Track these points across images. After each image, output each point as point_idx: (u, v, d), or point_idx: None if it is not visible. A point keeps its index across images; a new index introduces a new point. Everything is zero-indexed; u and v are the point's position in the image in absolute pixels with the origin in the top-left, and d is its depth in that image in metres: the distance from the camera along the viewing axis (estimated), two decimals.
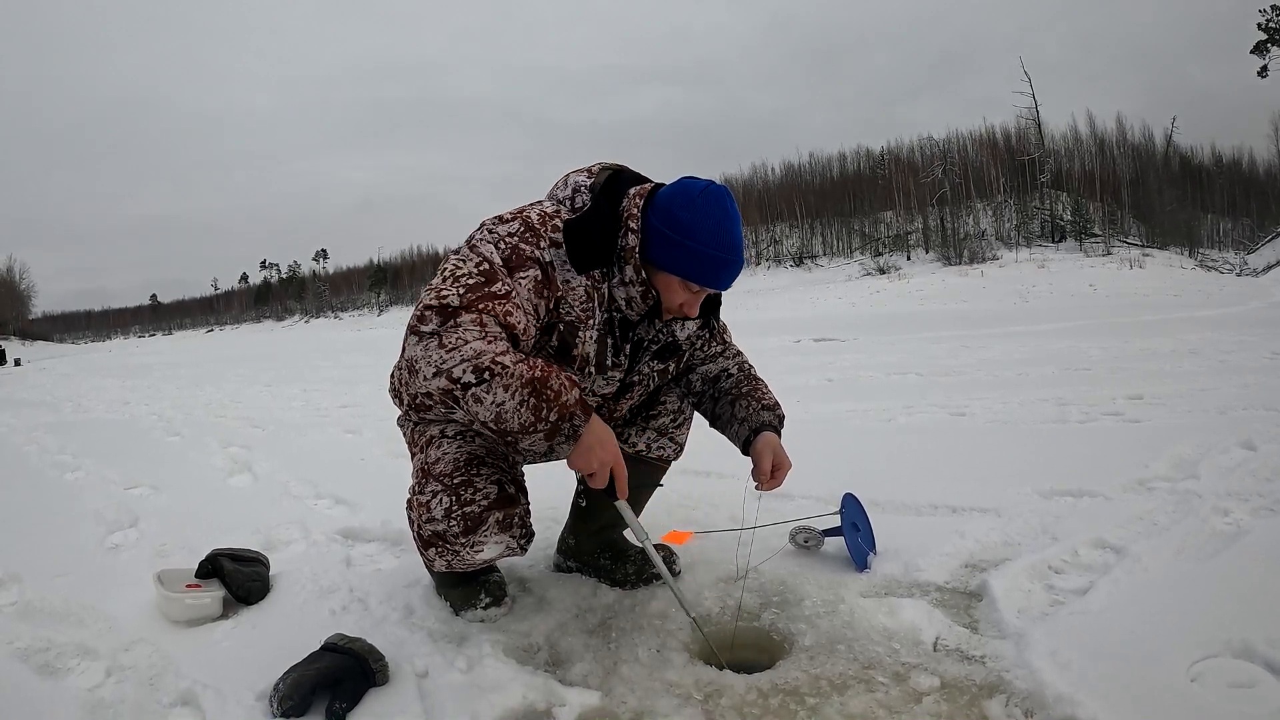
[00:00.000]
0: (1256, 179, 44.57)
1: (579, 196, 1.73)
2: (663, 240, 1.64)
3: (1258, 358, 5.89)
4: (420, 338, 1.49)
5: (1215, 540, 2.07)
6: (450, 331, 1.47)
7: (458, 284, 1.53)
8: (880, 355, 7.93)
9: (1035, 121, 41.32)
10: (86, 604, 2.07)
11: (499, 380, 1.45)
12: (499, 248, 1.60)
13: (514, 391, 1.45)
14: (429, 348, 1.47)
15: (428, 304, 1.51)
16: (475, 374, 1.44)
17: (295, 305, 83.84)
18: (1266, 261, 30.53)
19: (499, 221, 1.66)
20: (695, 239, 1.62)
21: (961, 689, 1.50)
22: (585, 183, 1.74)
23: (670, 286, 1.68)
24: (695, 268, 1.64)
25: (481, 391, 1.45)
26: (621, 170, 1.80)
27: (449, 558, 1.75)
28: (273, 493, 3.36)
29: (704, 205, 1.63)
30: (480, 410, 1.47)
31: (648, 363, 1.87)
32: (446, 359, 1.45)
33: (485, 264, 1.57)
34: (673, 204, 1.65)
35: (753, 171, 55.18)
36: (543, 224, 1.65)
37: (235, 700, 1.56)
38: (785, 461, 1.91)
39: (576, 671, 1.67)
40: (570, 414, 1.50)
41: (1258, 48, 36.69)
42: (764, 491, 1.91)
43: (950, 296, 23.71)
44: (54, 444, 5.20)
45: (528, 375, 1.47)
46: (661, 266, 1.66)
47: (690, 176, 1.71)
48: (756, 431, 1.93)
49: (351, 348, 18.44)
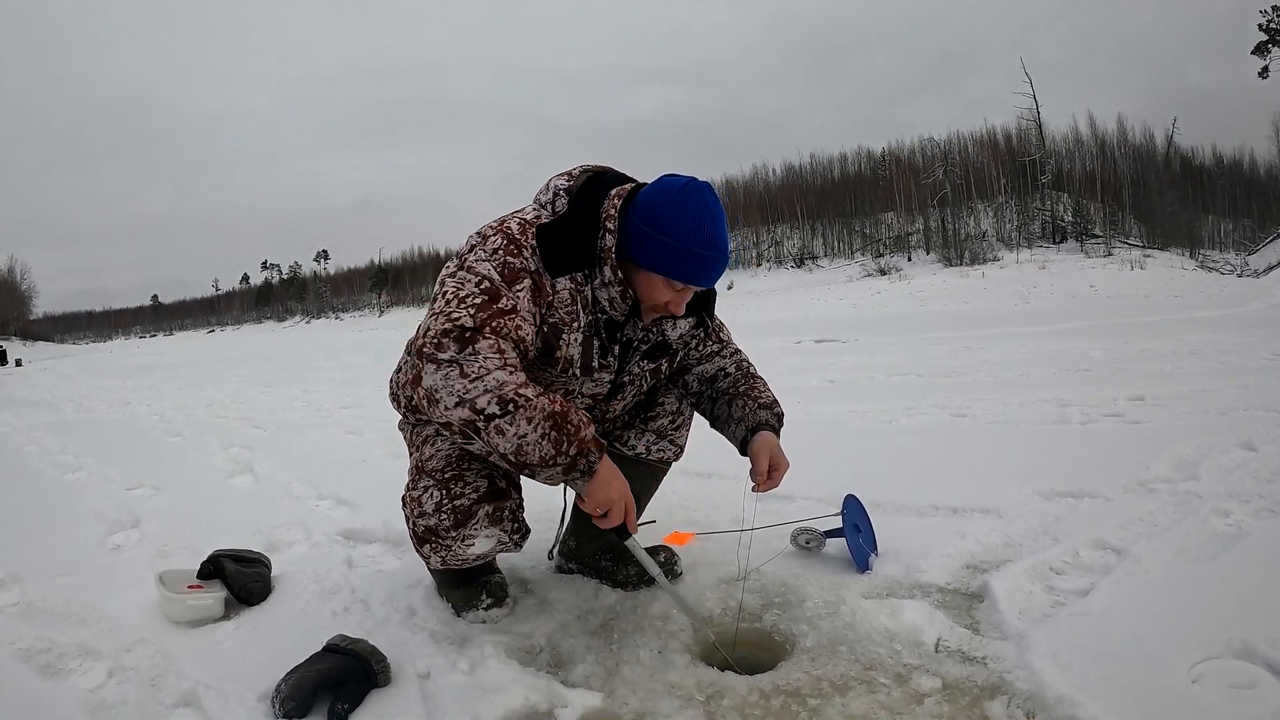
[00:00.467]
0: (1257, 180, 44.52)
1: (558, 200, 1.72)
2: (643, 238, 1.63)
3: (1258, 359, 5.89)
4: (439, 365, 1.46)
5: (1216, 541, 2.07)
6: (470, 360, 1.46)
7: (464, 305, 1.53)
8: (881, 356, 7.93)
9: (1036, 122, 41.31)
10: (88, 604, 2.07)
11: (522, 412, 1.46)
12: (492, 263, 1.59)
13: (536, 424, 1.47)
14: (450, 377, 1.45)
15: (443, 329, 1.48)
16: (499, 405, 1.45)
17: (296, 306, 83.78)
18: (1267, 262, 30.48)
19: (484, 238, 1.65)
20: (675, 236, 1.61)
21: (963, 690, 1.50)
22: (564, 186, 1.73)
23: (653, 285, 1.67)
24: (676, 265, 1.63)
25: (505, 423, 1.46)
26: (604, 171, 1.79)
27: (442, 553, 1.76)
28: (274, 493, 3.36)
29: (684, 202, 1.62)
30: (501, 441, 1.48)
31: (638, 363, 1.87)
32: (470, 389, 1.45)
33: (485, 281, 1.57)
34: (652, 202, 1.64)
35: (754, 172, 55.28)
36: (523, 233, 1.64)
37: (237, 701, 1.56)
38: (782, 461, 1.89)
39: (578, 673, 1.67)
40: (587, 449, 1.53)
41: (1258, 48, 36.65)
42: (761, 492, 1.89)
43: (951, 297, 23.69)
44: (55, 444, 5.20)
45: (549, 409, 1.48)
46: (642, 264, 1.65)
47: (672, 174, 1.70)
48: (754, 431, 1.92)
49: (353, 348, 18.44)
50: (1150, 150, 44.02)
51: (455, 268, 1.62)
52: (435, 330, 1.49)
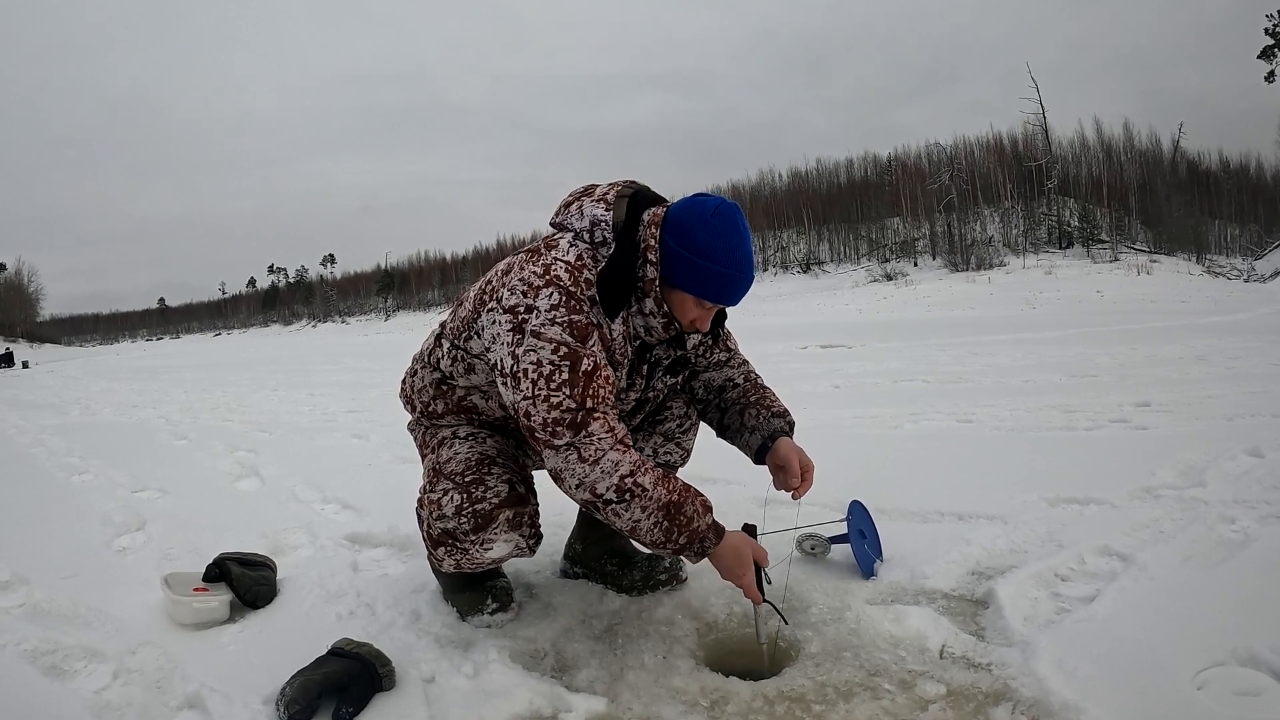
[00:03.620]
0: (1264, 185, 44.31)
1: (598, 230, 1.69)
2: (679, 261, 1.64)
3: (1265, 364, 5.85)
4: (557, 451, 1.58)
5: (1222, 548, 2.07)
6: (585, 444, 1.57)
7: (560, 387, 1.57)
8: (887, 362, 7.91)
9: (1043, 127, 41.25)
10: (94, 606, 2.08)
11: (638, 502, 1.58)
12: (559, 324, 1.58)
13: (650, 513, 1.59)
14: (570, 461, 1.58)
15: (553, 419, 1.57)
16: (617, 494, 1.58)
17: (303, 310, 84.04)
18: (1274, 267, 30.34)
19: (533, 290, 1.61)
20: (709, 257, 1.62)
21: (968, 696, 1.50)
22: (604, 217, 1.70)
23: (684, 304, 1.69)
24: (708, 285, 1.65)
25: (621, 509, 1.59)
26: (637, 191, 1.77)
27: (458, 556, 1.76)
28: (280, 497, 3.37)
29: (718, 225, 1.63)
30: (618, 522, 1.61)
31: (661, 378, 1.88)
32: (590, 473, 1.57)
33: (562, 347, 1.58)
34: (687, 223, 1.65)
35: (760, 178, 55.21)
36: (576, 284, 1.62)
37: (242, 704, 1.57)
38: (810, 462, 1.90)
39: (583, 677, 1.67)
40: (700, 538, 1.64)
41: (1265, 52, 36.57)
42: (800, 497, 1.89)
43: (957, 303, 23.65)
44: (62, 446, 5.23)
45: (664, 500, 1.60)
46: (677, 285, 1.66)
47: (701, 194, 1.72)
48: (772, 438, 1.92)
49: (359, 352, 18.47)
50: (1157, 155, 43.86)
51: (518, 333, 1.60)
52: (544, 419, 1.57)
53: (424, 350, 1.95)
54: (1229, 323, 11.01)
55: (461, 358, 1.82)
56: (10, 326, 60.46)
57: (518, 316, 1.61)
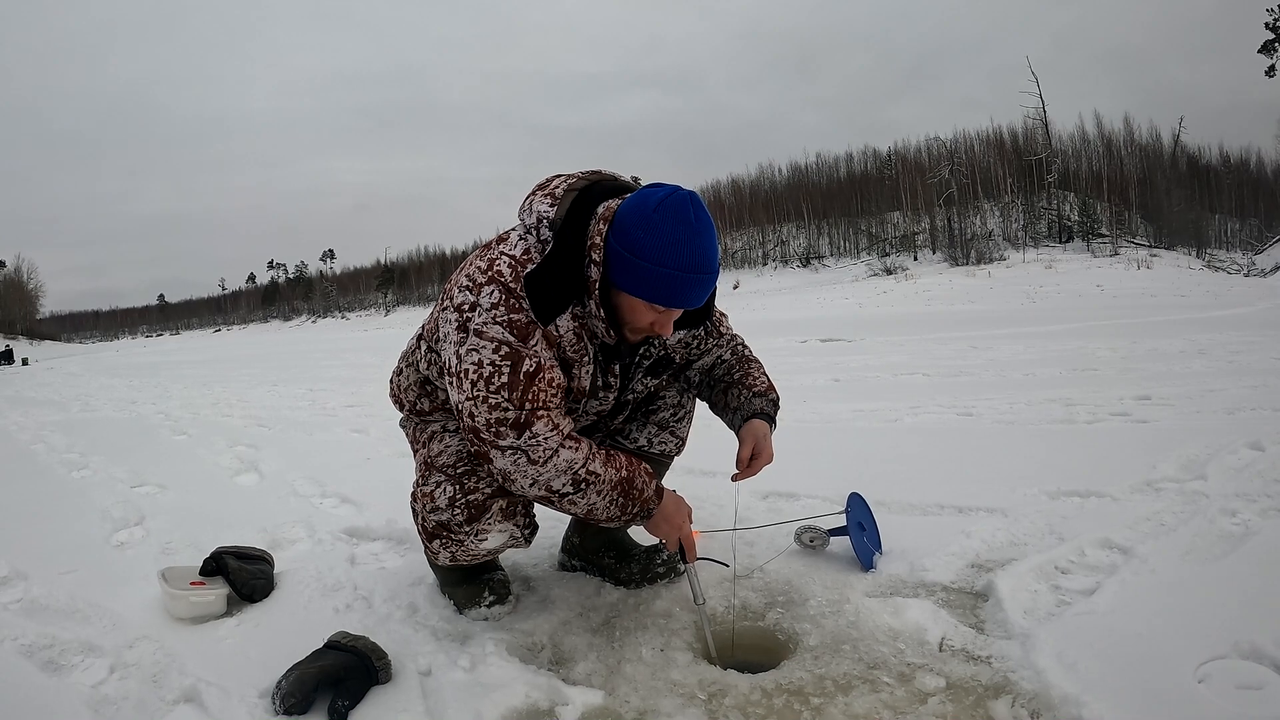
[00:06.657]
0: (1264, 179, 44.37)
1: (542, 229, 1.61)
2: (619, 262, 1.52)
3: (1266, 358, 5.85)
4: (503, 452, 1.56)
5: (1223, 541, 2.06)
6: (533, 445, 1.55)
7: (500, 389, 1.53)
8: (887, 355, 7.90)
9: (1043, 121, 41.17)
10: (91, 601, 2.08)
11: (593, 487, 1.60)
12: (499, 324, 1.53)
13: (605, 494, 1.61)
14: (519, 464, 1.56)
15: (496, 419, 1.54)
16: (573, 485, 1.58)
17: (303, 305, 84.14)
18: (1275, 262, 30.34)
19: (476, 286, 1.57)
20: (651, 259, 1.49)
21: (967, 689, 1.49)
22: (547, 213, 1.61)
23: (635, 308, 1.57)
24: (655, 289, 1.52)
25: (577, 497, 1.60)
26: (595, 182, 1.64)
27: (454, 548, 1.76)
28: (279, 491, 3.36)
29: (661, 221, 1.48)
30: (574, 509, 1.63)
31: (641, 380, 1.85)
32: (542, 473, 1.57)
33: (503, 346, 1.53)
34: (627, 222, 1.52)
35: (759, 172, 55.17)
36: (516, 280, 1.56)
37: (239, 697, 1.57)
38: (765, 451, 1.84)
39: (580, 670, 1.67)
40: (647, 504, 1.67)
41: (1265, 47, 36.47)
42: (737, 481, 1.86)
43: (957, 297, 23.60)
44: (62, 442, 5.22)
45: (616, 478, 1.62)
46: (620, 287, 1.55)
47: (654, 185, 1.57)
48: (747, 419, 1.90)
49: (359, 347, 18.46)
50: (1157, 150, 43.89)
51: (462, 331, 1.56)
52: (487, 420, 1.54)
53: (408, 350, 1.91)
54: (1229, 317, 11.00)
55: (435, 360, 1.77)
56: (10, 324, 60.48)
57: (463, 314, 1.57)
